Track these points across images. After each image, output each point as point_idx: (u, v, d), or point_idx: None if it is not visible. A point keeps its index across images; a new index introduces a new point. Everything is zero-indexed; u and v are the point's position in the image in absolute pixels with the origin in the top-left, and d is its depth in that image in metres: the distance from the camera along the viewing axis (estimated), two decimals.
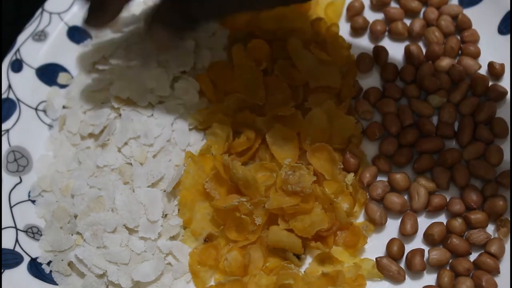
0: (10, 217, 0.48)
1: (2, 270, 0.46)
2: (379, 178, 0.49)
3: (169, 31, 0.42)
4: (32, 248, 0.47)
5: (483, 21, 0.53)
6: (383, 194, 0.47)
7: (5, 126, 0.51)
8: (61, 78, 0.54)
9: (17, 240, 0.48)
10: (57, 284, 0.46)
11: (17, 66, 0.53)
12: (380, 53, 0.52)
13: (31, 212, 0.49)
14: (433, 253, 0.45)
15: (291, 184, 0.45)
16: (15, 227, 0.48)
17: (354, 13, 0.55)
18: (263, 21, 0.52)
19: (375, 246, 0.47)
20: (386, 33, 0.54)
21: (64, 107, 0.53)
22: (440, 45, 0.52)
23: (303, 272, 0.45)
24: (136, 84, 0.50)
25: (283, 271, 0.44)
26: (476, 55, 0.52)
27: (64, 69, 0.54)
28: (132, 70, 0.51)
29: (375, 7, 0.55)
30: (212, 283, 0.46)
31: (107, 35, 0.54)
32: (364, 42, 0.54)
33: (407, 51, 0.52)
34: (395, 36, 0.54)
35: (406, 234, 0.46)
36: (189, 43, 0.52)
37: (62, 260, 0.47)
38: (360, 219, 0.48)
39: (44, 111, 0.53)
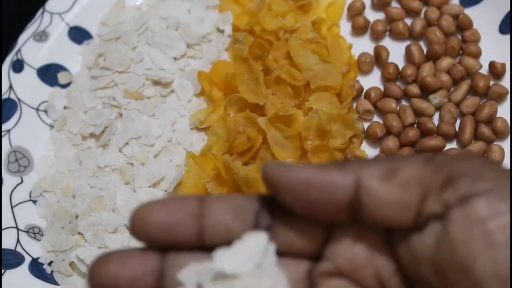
0: (11, 217, 0.48)
1: (3, 270, 0.46)
2: None
3: None
4: (33, 248, 0.47)
5: (484, 20, 0.53)
6: None
7: (6, 126, 0.51)
8: (61, 77, 0.54)
9: (18, 240, 0.48)
10: (58, 284, 0.46)
11: (18, 66, 0.53)
12: (381, 53, 0.52)
13: (32, 212, 0.49)
14: None
15: None
16: (16, 227, 0.48)
17: (355, 13, 0.55)
18: (264, 21, 0.52)
19: None
20: (387, 33, 0.54)
21: (65, 107, 0.53)
22: (441, 45, 0.52)
23: None
24: None
25: None
26: (477, 54, 0.52)
27: (64, 69, 0.54)
28: None
29: (376, 7, 0.55)
30: None
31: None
32: (365, 42, 0.54)
33: (408, 50, 0.52)
34: (396, 36, 0.54)
35: None
36: None
37: (63, 260, 0.47)
38: None
39: (45, 111, 0.53)
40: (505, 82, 0.51)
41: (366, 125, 0.50)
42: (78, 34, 0.55)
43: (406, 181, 0.22)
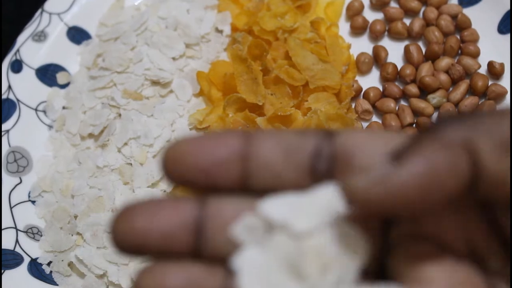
0: (10, 217, 0.48)
1: (2, 271, 0.46)
2: None
3: None
4: (32, 249, 0.47)
5: (482, 20, 0.53)
6: None
7: (5, 126, 0.51)
8: (60, 77, 0.54)
9: (17, 241, 0.48)
10: (57, 285, 0.46)
11: (17, 66, 0.53)
12: (379, 52, 0.52)
13: (31, 213, 0.49)
14: None
15: None
16: (15, 227, 0.48)
17: (353, 13, 0.55)
18: (263, 21, 0.52)
19: None
20: (386, 32, 0.54)
21: (64, 107, 0.53)
22: (439, 45, 0.52)
23: None
24: None
25: None
26: (475, 54, 0.52)
27: (63, 69, 0.54)
28: None
29: (374, 7, 0.55)
30: None
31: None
32: (364, 42, 0.54)
33: (406, 50, 0.52)
34: (395, 36, 0.54)
35: None
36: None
37: (62, 260, 0.47)
38: None
39: (44, 111, 0.53)
40: (504, 82, 0.51)
41: (365, 125, 0.50)
42: (77, 34, 0.55)
43: None
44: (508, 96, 0.50)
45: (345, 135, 0.19)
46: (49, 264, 0.47)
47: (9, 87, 0.52)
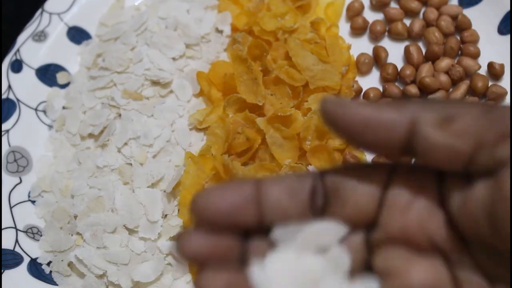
0: (10, 217, 0.48)
1: (2, 271, 0.46)
2: None
3: None
4: (32, 249, 0.47)
5: (483, 21, 0.53)
6: None
7: (5, 126, 0.51)
8: (60, 77, 0.54)
9: (17, 241, 0.48)
10: (57, 285, 0.46)
11: (17, 66, 0.53)
12: (379, 53, 0.52)
13: (31, 213, 0.49)
14: None
15: None
16: (15, 227, 0.48)
17: (353, 13, 0.55)
18: (263, 22, 0.52)
19: None
20: (386, 33, 0.54)
21: (64, 107, 0.53)
22: (439, 46, 0.52)
23: None
24: None
25: None
26: (475, 55, 0.52)
27: (63, 69, 0.54)
28: None
29: (374, 8, 0.55)
30: None
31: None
32: (364, 43, 0.54)
33: (406, 51, 0.52)
34: (395, 37, 0.54)
35: None
36: None
37: (62, 260, 0.47)
38: None
39: (44, 111, 0.53)
40: (503, 83, 0.51)
41: None
42: (77, 34, 0.55)
43: (461, 130, 0.21)
44: (508, 96, 0.50)
45: (333, 173, 0.24)
46: (48, 264, 0.47)
47: (9, 87, 0.52)
